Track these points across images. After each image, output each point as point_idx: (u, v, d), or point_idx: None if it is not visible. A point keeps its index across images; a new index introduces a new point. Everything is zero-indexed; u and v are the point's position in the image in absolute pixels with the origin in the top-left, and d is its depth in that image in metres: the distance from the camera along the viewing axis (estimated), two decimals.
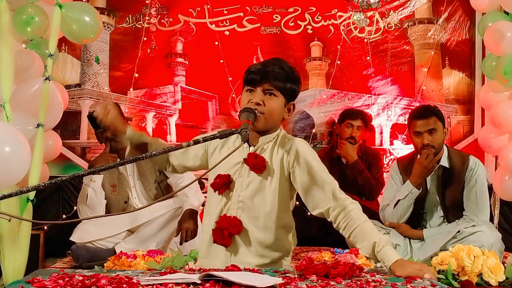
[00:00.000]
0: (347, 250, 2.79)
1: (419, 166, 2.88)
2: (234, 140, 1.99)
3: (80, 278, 1.44)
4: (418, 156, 2.96)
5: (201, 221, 3.15)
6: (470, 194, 2.89)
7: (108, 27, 4.46)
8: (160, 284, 1.38)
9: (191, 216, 2.92)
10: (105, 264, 2.62)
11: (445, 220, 2.96)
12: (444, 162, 2.95)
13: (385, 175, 3.83)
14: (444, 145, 3.00)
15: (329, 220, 1.87)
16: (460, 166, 2.93)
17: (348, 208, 1.80)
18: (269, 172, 1.93)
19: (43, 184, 1.54)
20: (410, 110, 4.44)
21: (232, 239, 1.91)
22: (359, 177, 3.56)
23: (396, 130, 4.47)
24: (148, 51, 4.47)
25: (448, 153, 2.98)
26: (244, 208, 1.92)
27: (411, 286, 1.43)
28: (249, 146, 1.95)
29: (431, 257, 2.62)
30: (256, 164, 1.90)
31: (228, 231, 1.89)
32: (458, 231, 2.72)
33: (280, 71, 1.88)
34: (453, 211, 2.94)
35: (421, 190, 2.92)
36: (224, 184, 1.93)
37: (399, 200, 2.94)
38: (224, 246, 1.92)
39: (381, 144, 4.45)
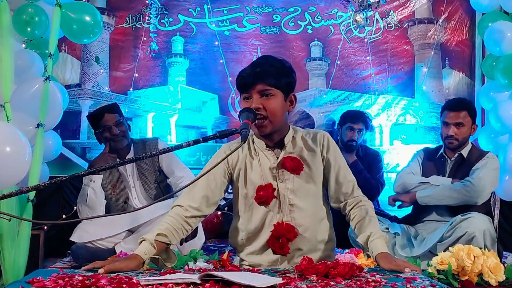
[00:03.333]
0: (347, 250, 2.80)
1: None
2: (255, 152, 1.98)
3: (80, 278, 1.44)
4: (443, 147, 3.04)
5: (202, 222, 3.17)
6: (478, 166, 2.94)
7: (108, 27, 4.46)
8: (160, 284, 1.38)
9: None
10: None
11: None
12: (465, 153, 3.03)
13: (386, 175, 3.83)
14: (470, 142, 3.07)
15: (343, 213, 1.98)
16: (478, 156, 3.01)
17: (361, 203, 1.93)
18: (310, 169, 1.94)
19: (43, 184, 1.54)
20: (410, 110, 4.48)
21: (290, 245, 1.91)
22: (359, 177, 3.55)
23: (396, 130, 4.47)
24: (148, 51, 4.47)
25: (471, 147, 3.07)
26: (295, 212, 1.92)
27: (411, 286, 1.43)
28: (273, 150, 1.94)
29: (429, 251, 2.64)
30: (294, 166, 1.91)
31: (286, 237, 1.88)
32: (451, 223, 2.74)
33: (271, 69, 1.85)
34: None
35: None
36: (270, 195, 1.91)
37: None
38: (283, 254, 1.91)
39: (381, 144, 4.45)
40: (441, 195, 2.90)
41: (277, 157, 1.94)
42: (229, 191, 2.09)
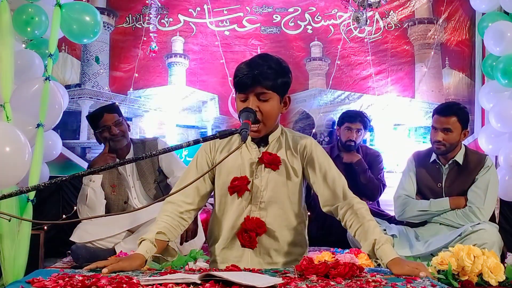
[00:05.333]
0: (347, 250, 2.79)
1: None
2: (235, 141, 1.98)
3: (80, 278, 1.44)
4: (433, 153, 3.01)
5: (202, 222, 3.17)
6: (480, 185, 2.92)
7: (108, 27, 4.46)
8: (160, 284, 1.38)
9: None
10: None
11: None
12: (459, 158, 2.99)
13: (386, 175, 3.82)
14: (463, 145, 3.03)
15: (337, 218, 1.93)
16: (476, 163, 2.97)
17: (355, 207, 1.85)
18: (287, 169, 1.94)
19: (43, 184, 1.54)
20: (410, 110, 4.48)
21: (258, 240, 1.91)
22: (363, 176, 3.55)
23: (396, 130, 4.47)
24: (148, 51, 4.47)
25: (465, 151, 3.02)
26: (267, 208, 1.92)
27: (411, 286, 1.43)
28: (258, 146, 1.96)
29: (431, 254, 2.63)
30: (271, 160, 1.90)
31: (255, 232, 1.89)
32: (459, 234, 2.73)
33: (269, 71, 1.85)
34: None
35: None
36: (243, 186, 1.91)
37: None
38: (251, 248, 1.91)
39: (381, 144, 4.44)
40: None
41: (260, 153, 1.94)
42: None
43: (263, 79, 1.84)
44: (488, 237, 2.65)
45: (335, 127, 3.89)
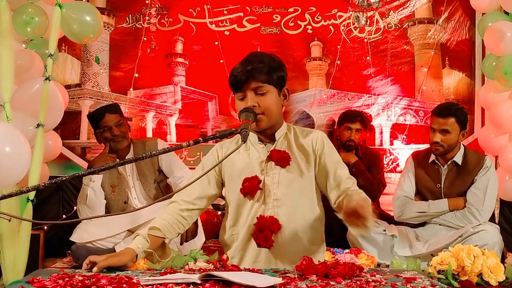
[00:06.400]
0: (347, 250, 2.80)
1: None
2: (246, 146, 1.97)
3: (80, 278, 1.44)
4: (432, 153, 3.02)
5: (202, 222, 3.17)
6: (480, 187, 2.93)
7: (108, 27, 4.46)
8: (160, 284, 1.38)
9: None
10: None
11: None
12: (458, 159, 3.00)
13: (386, 175, 3.82)
14: (462, 145, 3.05)
15: (333, 206, 1.91)
16: (475, 163, 2.98)
17: (348, 190, 1.85)
18: (298, 165, 1.92)
19: (43, 184, 1.54)
20: (410, 110, 4.48)
21: (274, 239, 1.90)
22: (360, 178, 3.56)
23: (396, 130, 4.47)
24: (148, 51, 4.47)
25: (464, 151, 3.03)
26: (280, 206, 1.91)
27: (411, 286, 1.43)
28: (265, 144, 1.95)
29: (432, 254, 2.64)
30: (280, 157, 1.90)
31: (269, 230, 1.87)
32: (461, 235, 2.73)
33: (262, 65, 1.86)
34: None
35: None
36: (254, 186, 1.90)
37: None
38: (267, 247, 1.90)
39: (381, 144, 4.44)
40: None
41: (268, 151, 1.93)
42: None
43: (257, 73, 1.85)
44: (489, 238, 2.65)
45: (335, 127, 3.89)
